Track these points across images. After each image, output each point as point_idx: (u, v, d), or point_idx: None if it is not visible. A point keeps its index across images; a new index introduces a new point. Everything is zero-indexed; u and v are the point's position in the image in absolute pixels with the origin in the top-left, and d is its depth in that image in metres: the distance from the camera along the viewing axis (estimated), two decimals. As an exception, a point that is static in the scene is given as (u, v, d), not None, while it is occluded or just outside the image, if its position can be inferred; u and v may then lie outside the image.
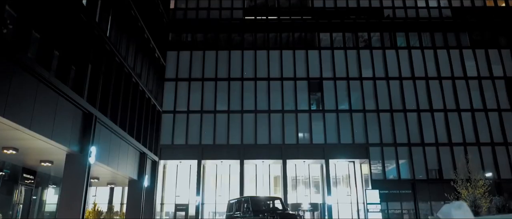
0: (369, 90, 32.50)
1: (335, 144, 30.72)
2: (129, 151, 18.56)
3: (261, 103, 32.22)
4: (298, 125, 31.48)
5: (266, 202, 15.51)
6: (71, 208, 13.34)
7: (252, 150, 30.62)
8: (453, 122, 31.38)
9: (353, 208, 30.40)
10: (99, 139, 15.25)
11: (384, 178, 29.86)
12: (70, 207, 13.35)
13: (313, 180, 31.59)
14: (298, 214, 14.37)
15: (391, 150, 30.65)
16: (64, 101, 12.97)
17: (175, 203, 30.47)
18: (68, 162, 13.87)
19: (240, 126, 31.44)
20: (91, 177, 19.07)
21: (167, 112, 31.79)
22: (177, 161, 30.86)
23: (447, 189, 28.09)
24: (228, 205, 16.78)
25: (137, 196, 19.46)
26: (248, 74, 33.26)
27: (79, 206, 13.37)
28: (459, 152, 30.05)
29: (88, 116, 14.33)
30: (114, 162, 16.68)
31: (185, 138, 31.18)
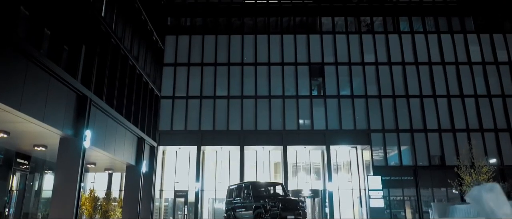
0: (371, 76, 31.86)
1: (336, 130, 30.20)
2: (126, 136, 18.03)
3: (262, 89, 31.60)
4: (299, 110, 30.92)
5: (267, 188, 15.04)
6: (65, 193, 12.85)
7: (252, 136, 30.11)
8: (456, 108, 30.81)
9: (354, 195, 30.04)
10: (95, 123, 14.70)
11: (386, 165, 29.41)
12: (64, 192, 12.86)
13: (313, 167, 31.17)
14: (300, 199, 13.87)
15: (393, 136, 30.15)
16: (57, 82, 12.38)
17: (175, 189, 30.08)
18: (62, 146, 13.35)
19: (240, 112, 30.89)
20: (88, 162, 18.60)
21: (166, 98, 31.20)
22: (176, 147, 30.36)
23: (449, 175, 27.73)
24: (228, 191, 16.31)
25: (135, 182, 19.01)
26: (248, 59, 32.57)
27: (74, 191, 12.89)
28: (462, 138, 29.60)
29: (82, 99, 13.76)
30: (110, 147, 16.16)
31: (184, 124, 30.65)
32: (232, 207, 15.25)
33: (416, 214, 28.95)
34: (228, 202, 15.83)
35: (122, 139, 17.53)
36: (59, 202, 12.71)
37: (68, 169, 13.12)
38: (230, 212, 15.30)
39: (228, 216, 15.43)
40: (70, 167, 13.11)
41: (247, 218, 14.32)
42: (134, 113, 19.18)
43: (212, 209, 30.62)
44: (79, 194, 13.18)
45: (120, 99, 17.59)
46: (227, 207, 15.78)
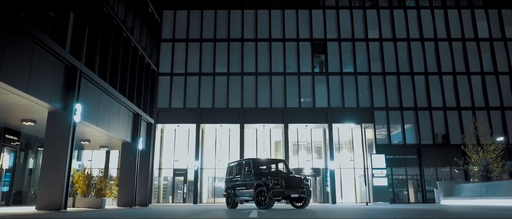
0: (375, 52, 30.72)
1: (339, 108, 29.25)
2: (121, 112, 17.05)
3: (262, 65, 30.50)
4: (300, 88, 29.91)
5: (269, 165, 14.16)
6: (55, 171, 11.95)
7: (253, 113, 29.19)
8: (462, 85, 29.81)
9: (356, 173, 29.33)
10: (86, 96, 13.68)
11: (389, 143, 28.60)
12: (53, 170, 11.95)
13: (315, 145, 30.36)
14: (304, 177, 13.00)
15: (397, 114, 29.24)
16: (42, 51, 11.30)
17: (174, 168, 29.35)
18: (51, 121, 12.36)
19: (240, 89, 29.87)
20: (81, 139, 17.67)
21: (164, 74, 30.13)
22: (175, 125, 29.48)
23: (454, 154, 26.98)
24: (227, 169, 15.43)
25: (131, 159, 18.14)
26: (248, 35, 31.35)
27: (63, 168, 11.97)
28: (467, 117, 28.72)
29: (71, 70, 12.69)
30: (104, 123, 15.21)
31: (183, 101, 29.68)
32: (232, 185, 14.41)
33: (418, 193, 28.31)
34: (228, 180, 14.98)
35: (116, 115, 16.57)
36: (48, 180, 11.81)
37: (57, 144, 12.17)
38: (230, 190, 14.47)
39: (228, 194, 14.61)
40: (59, 143, 12.16)
41: (248, 197, 13.50)
42: (129, 88, 18.16)
43: (212, 187, 29.96)
44: (69, 172, 12.28)
45: (113, 73, 16.54)
46: (227, 185, 14.92)
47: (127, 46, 18.29)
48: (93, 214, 9.05)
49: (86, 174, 15.28)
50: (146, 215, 8.65)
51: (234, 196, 14.23)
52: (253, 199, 12.87)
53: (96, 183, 15.48)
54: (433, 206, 16.18)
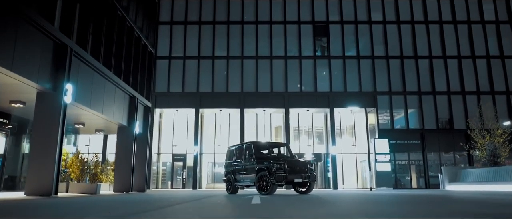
0: (378, 35, 29.79)
1: (341, 92, 28.46)
2: (116, 94, 16.25)
3: (263, 49, 29.59)
4: (302, 72, 29.06)
5: (270, 149, 13.41)
6: (44, 154, 11.20)
7: (253, 98, 28.39)
8: (467, 69, 28.97)
9: (358, 159, 28.70)
10: (78, 76, 12.87)
11: (392, 128, 27.90)
12: (43, 153, 11.20)
13: (316, 130, 29.66)
14: (308, 161, 12.28)
15: (400, 99, 28.47)
16: (28, 27, 10.45)
17: (173, 153, 28.70)
18: (40, 102, 11.57)
19: (240, 73, 29.02)
20: (75, 122, 16.91)
21: (162, 58, 29.24)
22: (174, 109, 28.70)
23: (457, 139, 26.36)
24: (227, 153, 14.69)
25: (127, 143, 17.41)
26: (248, 18, 30.34)
27: (53, 152, 11.23)
28: (472, 101, 27.99)
29: (61, 48, 11.85)
30: (98, 105, 14.41)
31: (182, 86, 28.86)
32: (232, 170, 13.69)
33: (420, 179, 27.72)
34: (228, 164, 14.24)
35: (111, 97, 15.78)
36: (37, 165, 11.08)
37: (47, 127, 11.41)
38: (230, 175, 13.76)
39: (228, 179, 13.90)
40: (49, 125, 11.39)
41: (248, 182, 12.79)
42: (125, 70, 17.33)
43: (212, 173, 29.36)
44: (60, 156, 11.54)
45: (108, 53, 15.69)
46: (226, 170, 14.20)
47: (122, 25, 17.38)
48: (82, 200, 8.33)
49: (80, 159, 14.56)
50: (139, 201, 7.94)
51: (234, 181, 13.53)
52: (254, 184, 12.18)
53: (90, 168, 14.76)
54: (440, 192, 15.51)
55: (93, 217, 3.93)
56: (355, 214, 4.12)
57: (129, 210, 4.85)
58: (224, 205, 6.04)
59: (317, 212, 4.45)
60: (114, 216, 3.88)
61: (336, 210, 4.85)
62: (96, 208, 5.49)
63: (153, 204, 6.48)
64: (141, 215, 4.07)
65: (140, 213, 4.27)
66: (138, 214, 4.19)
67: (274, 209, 4.99)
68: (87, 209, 5.24)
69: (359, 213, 4.14)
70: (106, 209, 5.15)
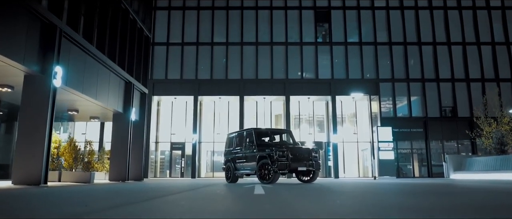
0: (381, 21, 28.88)
1: (342, 79, 27.68)
2: (111, 79, 15.47)
3: (263, 35, 28.71)
4: (303, 58, 28.23)
5: (272, 136, 12.70)
6: (32, 141, 10.48)
7: (253, 85, 27.61)
8: (471, 56, 28.16)
9: (359, 147, 28.07)
10: (69, 59, 12.08)
11: (395, 116, 27.21)
12: (31, 140, 10.48)
13: (317, 119, 28.94)
14: (313, 148, 11.58)
15: (403, 86, 27.72)
16: (13, 5, 9.66)
17: (171, 142, 28.01)
18: (27, 85, 10.80)
19: (239, 60, 28.18)
20: (68, 109, 16.16)
21: (159, 44, 28.38)
22: (172, 97, 27.93)
23: (461, 127, 25.71)
24: (227, 140, 13.96)
25: (123, 131, 16.67)
26: (248, 3, 29.36)
27: (42, 139, 10.50)
28: (476, 89, 27.28)
29: (49, 28, 11.04)
30: (91, 90, 13.64)
31: (180, 73, 28.04)
32: (232, 158, 12.98)
33: (422, 168, 27.12)
34: (228, 152, 13.53)
35: (105, 82, 15.00)
36: (24, 152, 10.35)
37: (35, 112, 10.66)
38: (229, 163, 13.05)
39: (228, 168, 13.21)
40: (37, 110, 10.65)
41: (249, 171, 12.10)
42: (120, 54, 16.52)
43: (211, 161, 28.72)
44: (49, 143, 10.82)
45: (101, 36, 14.87)
46: (226, 158, 13.49)
47: (117, 7, 16.51)
48: (69, 190, 7.64)
49: (73, 146, 13.84)
50: (131, 190, 7.25)
51: (234, 169, 12.83)
52: (255, 172, 11.49)
53: (83, 156, 14.05)
54: (447, 181, 14.87)
55: (69, 210, 3.23)
56: (380, 207, 3.41)
57: (112, 202, 4.14)
58: (223, 196, 5.33)
59: (333, 205, 3.74)
60: (87, 211, 3.16)
61: (353, 202, 4.14)
62: (77, 199, 4.78)
63: (144, 194, 5.78)
64: (122, 209, 3.35)
65: (122, 206, 3.55)
66: (117, 207, 3.48)
67: (281, 201, 4.28)
68: (66, 200, 4.53)
69: (387, 208, 3.42)
70: (87, 200, 4.44)
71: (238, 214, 2.93)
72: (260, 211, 3.12)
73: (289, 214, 2.90)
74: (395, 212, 3.01)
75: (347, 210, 3.23)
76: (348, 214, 2.93)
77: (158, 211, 3.14)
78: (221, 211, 3.18)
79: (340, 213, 2.97)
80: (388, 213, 2.95)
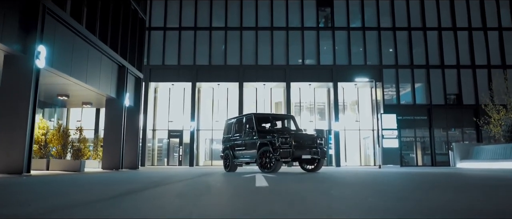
0: (385, 5, 27.77)
1: (345, 65, 26.69)
2: (102, 62, 14.50)
3: (263, 19, 27.60)
4: (304, 44, 27.18)
5: (274, 122, 11.78)
6: (12, 127, 9.55)
7: (253, 71, 26.61)
8: (478, 42, 27.13)
9: (361, 135, 27.22)
10: (54, 39, 11.09)
11: (398, 103, 26.30)
12: (11, 126, 9.55)
13: (318, 106, 28.02)
14: (318, 135, 10.69)
15: (407, 73, 26.76)
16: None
17: (168, 129, 27.11)
18: (7, 66, 9.83)
19: (239, 45, 27.13)
20: (58, 94, 15.20)
21: (156, 29, 27.28)
22: (169, 83, 26.95)
23: (466, 115, 24.84)
24: (225, 126, 13.04)
25: (116, 117, 15.75)
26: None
27: (24, 125, 9.57)
28: (482, 76, 26.34)
29: (31, 4, 10.04)
30: (80, 73, 12.68)
31: (178, 58, 27.01)
32: (231, 146, 12.08)
33: (425, 156, 26.31)
34: (226, 139, 12.62)
35: (96, 65, 14.03)
36: (4, 139, 9.44)
37: (16, 95, 9.72)
38: (228, 151, 12.16)
39: (226, 156, 12.31)
40: (18, 93, 9.70)
41: (249, 159, 11.22)
42: (113, 36, 15.52)
43: (209, 150, 27.88)
44: (32, 129, 9.90)
45: (91, 16, 13.86)
46: (224, 146, 12.59)
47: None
48: (48, 179, 6.74)
49: (62, 133, 12.92)
50: (118, 180, 6.36)
51: (233, 157, 11.94)
52: (256, 161, 10.61)
53: (73, 144, 13.14)
54: (455, 170, 14.02)
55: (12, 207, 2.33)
56: (429, 208, 2.51)
57: (68, 200, 3.22)
58: (219, 189, 4.43)
59: (363, 203, 2.83)
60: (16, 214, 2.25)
61: (386, 199, 3.23)
62: (34, 194, 3.87)
63: (125, 186, 4.87)
64: (69, 211, 2.44)
65: (76, 207, 2.64)
66: (67, 208, 2.56)
67: (291, 195, 3.38)
68: (20, 195, 3.61)
69: (436, 209, 2.51)
70: (45, 196, 3.53)
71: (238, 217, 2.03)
72: (267, 212, 2.21)
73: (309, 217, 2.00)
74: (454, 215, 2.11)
75: (391, 211, 2.32)
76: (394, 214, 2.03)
77: (136, 214, 2.23)
78: (214, 215, 2.27)
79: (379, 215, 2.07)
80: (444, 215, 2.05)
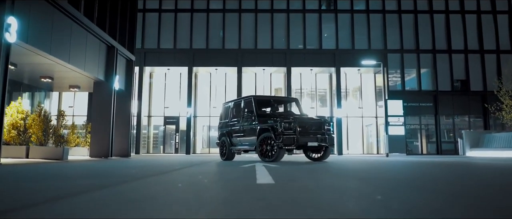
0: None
1: (348, 50, 25.34)
2: (88, 41, 13.17)
3: (263, 1, 26.12)
4: (305, 27, 25.78)
5: (276, 105, 10.51)
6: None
7: (252, 56, 25.27)
8: (486, 26, 25.76)
9: (364, 123, 26.03)
10: (29, 11, 9.75)
11: (403, 89, 25.07)
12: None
13: (320, 92, 26.75)
14: (325, 120, 9.46)
15: (412, 57, 25.44)
16: None
17: (164, 116, 25.86)
18: (-28, 40, 8.57)
19: (237, 28, 25.71)
20: (41, 76, 13.90)
21: (151, 11, 25.80)
22: (165, 68, 25.61)
23: (474, 102, 23.63)
24: (222, 110, 11.74)
25: (105, 101, 14.45)
26: (247, -34, 26.64)
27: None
28: (491, 61, 25.07)
29: (-2, -32, 8.71)
30: (62, 51, 11.37)
31: (173, 42, 25.61)
32: (228, 132, 10.83)
33: (428, 145, 25.16)
34: (223, 124, 11.33)
35: (81, 44, 12.70)
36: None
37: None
38: (225, 137, 10.90)
39: (222, 143, 11.06)
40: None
41: (247, 146, 9.96)
42: (100, 13, 14.18)
43: (207, 137, 26.67)
44: (2, 113, 8.67)
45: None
46: (221, 132, 11.30)
47: (95, -42, 13.98)
48: (13, 169, 5.50)
49: (43, 118, 11.65)
50: (96, 171, 5.14)
51: (230, 145, 10.69)
52: (255, 149, 9.37)
53: (55, 129, 11.88)
54: (468, 159, 12.83)
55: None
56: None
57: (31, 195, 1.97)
58: (207, 187, 3.18)
59: (410, 203, 1.58)
60: None
61: (432, 194, 1.99)
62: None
63: (95, 180, 3.62)
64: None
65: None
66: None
67: (311, 201, 2.13)
68: None
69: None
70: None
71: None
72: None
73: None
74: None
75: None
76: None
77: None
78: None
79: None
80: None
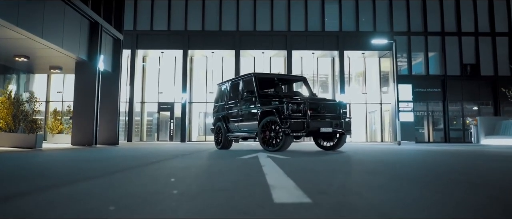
0: (397, -34, 24.58)
1: (352, 32, 23.74)
2: (66, 14, 11.54)
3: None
4: (307, 8, 24.10)
5: (280, 85, 8.93)
6: None
7: (250, 38, 23.63)
8: (498, 7, 24.17)
9: (367, 109, 24.58)
10: (-12, -26, 8.15)
11: (410, 74, 23.55)
12: None
13: (321, 78, 25.23)
14: (340, 102, 7.93)
15: (420, 40, 23.87)
16: None
17: (158, 102, 24.31)
18: None
19: (235, 8, 24.01)
20: (15, 54, 12.26)
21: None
22: (159, 51, 23.96)
23: (484, 87, 22.18)
24: (217, 92, 10.18)
25: (88, 84, 12.87)
26: None
27: None
28: (502, 44, 23.56)
29: None
30: (33, 24, 9.78)
31: (167, 23, 23.91)
32: (224, 116, 9.31)
33: (434, 132, 23.77)
34: (218, 108, 9.79)
35: (58, 17, 11.09)
36: None
37: None
38: (220, 123, 9.39)
39: (218, 129, 9.56)
40: None
41: (247, 133, 8.44)
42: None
43: (203, 124, 25.19)
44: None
45: (49, -46, 10.85)
46: (216, 116, 9.79)
47: None
48: None
49: (12, 101, 10.09)
50: (60, 163, 3.64)
51: (226, 131, 9.16)
52: (256, 135, 7.87)
53: (27, 114, 10.32)
54: (492, 148, 11.39)
55: None
56: None
57: None
58: (176, 202, 1.65)
59: None
60: None
61: None
62: None
63: (34, 181, 2.09)
64: None
65: None
66: None
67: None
68: None
69: None
70: None
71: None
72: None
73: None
74: None
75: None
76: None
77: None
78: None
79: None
80: None
